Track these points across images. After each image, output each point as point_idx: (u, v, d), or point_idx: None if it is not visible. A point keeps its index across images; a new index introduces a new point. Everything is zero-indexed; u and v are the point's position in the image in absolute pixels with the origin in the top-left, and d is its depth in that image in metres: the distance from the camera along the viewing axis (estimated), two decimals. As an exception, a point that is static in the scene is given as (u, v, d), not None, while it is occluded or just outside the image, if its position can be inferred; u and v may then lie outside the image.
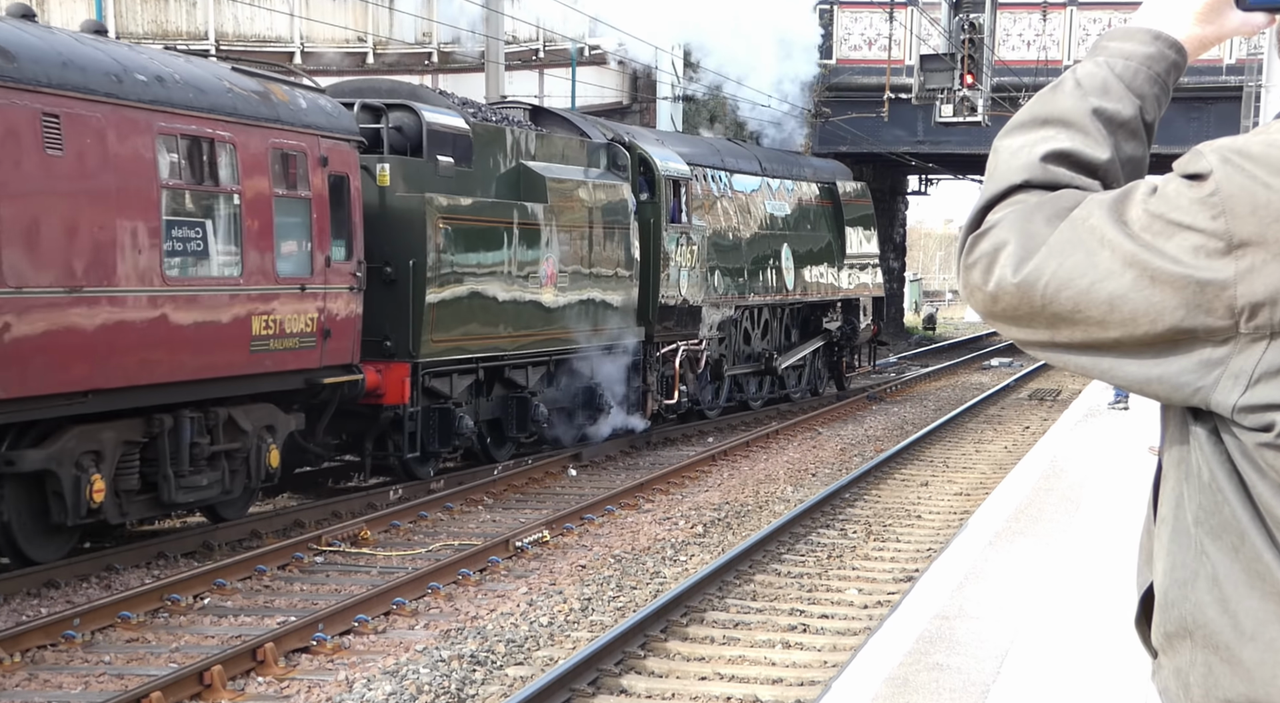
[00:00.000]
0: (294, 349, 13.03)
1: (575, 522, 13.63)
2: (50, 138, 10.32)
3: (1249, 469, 1.55)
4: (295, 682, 8.58)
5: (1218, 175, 1.53)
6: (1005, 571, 8.76)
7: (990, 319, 1.68)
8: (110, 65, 11.11)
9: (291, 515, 13.38)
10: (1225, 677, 1.56)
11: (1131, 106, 1.69)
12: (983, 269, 1.64)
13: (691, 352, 20.55)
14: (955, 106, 28.24)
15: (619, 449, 18.95)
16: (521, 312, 16.55)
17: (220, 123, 12.04)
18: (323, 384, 13.48)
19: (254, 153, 12.46)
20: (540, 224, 16.86)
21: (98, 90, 10.81)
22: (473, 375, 15.96)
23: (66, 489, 10.67)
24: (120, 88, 11.08)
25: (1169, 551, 1.63)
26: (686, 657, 9.16)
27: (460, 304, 15.41)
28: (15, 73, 10.12)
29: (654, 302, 19.38)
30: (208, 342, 11.94)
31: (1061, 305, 1.59)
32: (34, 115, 10.18)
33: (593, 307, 18.05)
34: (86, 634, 9.35)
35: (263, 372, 12.70)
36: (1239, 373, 1.53)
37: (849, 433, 21.47)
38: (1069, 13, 35.91)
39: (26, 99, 10.14)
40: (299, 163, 13.09)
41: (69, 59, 10.70)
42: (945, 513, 14.58)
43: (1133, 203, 1.57)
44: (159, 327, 11.37)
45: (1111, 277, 1.56)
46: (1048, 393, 27.51)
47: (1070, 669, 6.50)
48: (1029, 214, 1.63)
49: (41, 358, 10.28)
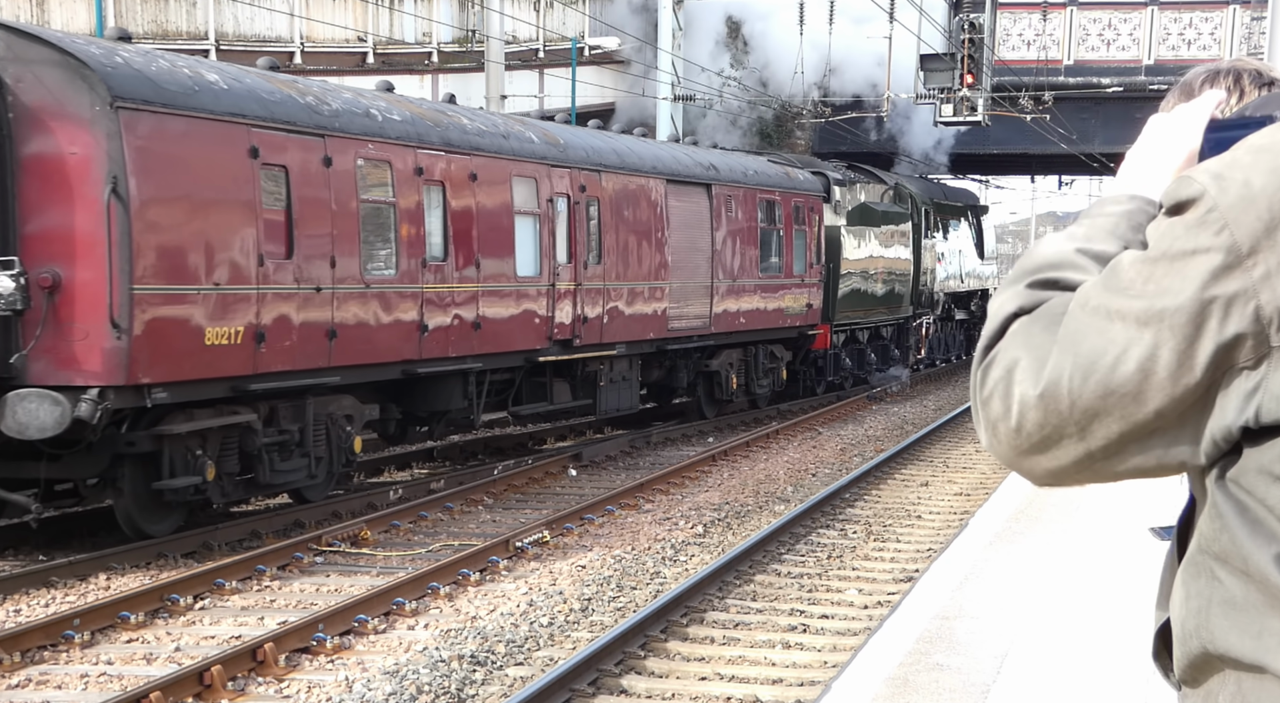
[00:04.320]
0: (799, 313, 24.37)
1: (575, 522, 13.62)
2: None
3: (1241, 492, 1.53)
4: (295, 682, 8.57)
5: (1211, 192, 1.51)
6: (1005, 571, 8.75)
7: (1017, 457, 1.61)
8: (701, 171, 21.30)
9: (291, 515, 13.37)
10: (1254, 692, 1.55)
11: (1116, 245, 1.68)
12: (1001, 395, 1.59)
13: (927, 324, 31.98)
14: (955, 106, 28.24)
15: (619, 449, 18.95)
16: (865, 298, 27.35)
17: (776, 192, 23.51)
18: (804, 333, 24.81)
19: (789, 206, 23.90)
20: (877, 242, 27.90)
21: (686, 175, 20.96)
22: (843, 333, 26.77)
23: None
24: (717, 175, 21.63)
25: (1182, 579, 1.62)
26: (686, 657, 9.15)
27: (853, 293, 26.78)
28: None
29: (916, 290, 30.20)
30: (771, 308, 23.35)
31: (1090, 397, 1.53)
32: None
33: (893, 295, 28.92)
34: (86, 634, 9.34)
35: (785, 326, 23.92)
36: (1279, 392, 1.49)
37: (849, 433, 21.46)
38: (1069, 13, 35.90)
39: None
40: (801, 210, 24.29)
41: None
42: (945, 513, 14.58)
43: (1123, 269, 1.55)
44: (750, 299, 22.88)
45: (1133, 343, 1.51)
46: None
47: (1070, 669, 6.49)
48: (1028, 330, 1.60)
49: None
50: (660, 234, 19.78)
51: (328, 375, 13.36)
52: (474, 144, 15.60)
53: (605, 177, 18.33)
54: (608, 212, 18.36)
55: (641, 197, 19.27)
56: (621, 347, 18.84)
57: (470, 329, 15.41)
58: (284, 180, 12.73)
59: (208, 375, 11.94)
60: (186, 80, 11.93)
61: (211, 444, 12.27)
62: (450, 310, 15.06)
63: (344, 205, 13.43)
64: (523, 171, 16.45)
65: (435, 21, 28.58)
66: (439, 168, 14.91)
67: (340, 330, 13.40)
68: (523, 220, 16.48)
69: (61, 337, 11.01)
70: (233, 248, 12.12)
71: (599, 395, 18.63)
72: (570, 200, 17.44)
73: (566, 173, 17.35)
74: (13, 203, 10.95)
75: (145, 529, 11.98)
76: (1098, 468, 1.59)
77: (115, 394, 11.09)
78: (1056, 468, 1.60)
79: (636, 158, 19.39)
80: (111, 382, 11.03)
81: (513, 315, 16.27)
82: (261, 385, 12.54)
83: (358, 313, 13.67)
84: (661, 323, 19.82)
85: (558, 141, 17.48)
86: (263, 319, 12.41)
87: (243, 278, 12.19)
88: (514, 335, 16.29)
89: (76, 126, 10.98)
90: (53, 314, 10.97)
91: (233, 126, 12.15)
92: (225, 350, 12.01)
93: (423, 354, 14.67)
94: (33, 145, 10.98)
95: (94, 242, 10.99)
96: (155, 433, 11.67)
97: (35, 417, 10.68)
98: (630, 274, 18.93)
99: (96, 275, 10.98)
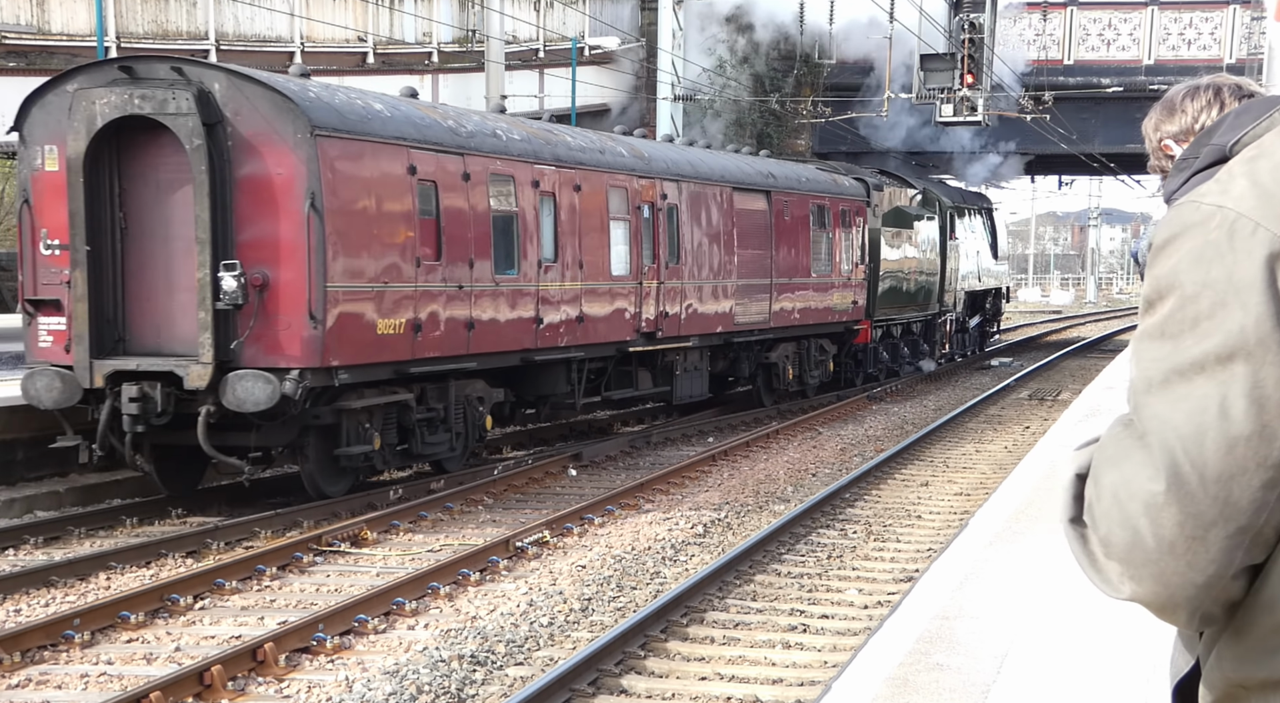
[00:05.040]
0: (846, 309, 26.38)
1: (575, 522, 13.62)
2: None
3: None
4: (295, 682, 8.57)
5: (1229, 205, 1.47)
6: (1005, 571, 8.75)
7: (1166, 583, 1.44)
8: (761, 179, 23.19)
9: (291, 515, 13.37)
10: None
11: None
12: (1120, 524, 1.46)
13: (950, 320, 33.39)
14: (955, 106, 28.23)
15: (619, 449, 18.96)
16: (900, 296, 29.13)
17: (825, 197, 25.46)
18: (850, 328, 26.81)
19: (836, 210, 25.86)
20: (910, 244, 29.63)
21: (796, 189, 24.43)
22: (881, 329, 28.28)
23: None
24: (775, 183, 23.67)
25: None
26: (687, 657, 9.15)
27: (890, 291, 28.57)
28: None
29: (942, 288, 31.70)
30: (822, 306, 25.36)
31: (1217, 460, 1.39)
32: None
33: (923, 292, 30.67)
34: (86, 634, 9.34)
35: (833, 321, 25.97)
36: None
37: (849, 433, 21.46)
38: (1069, 13, 35.89)
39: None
40: (847, 214, 26.31)
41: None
42: (945, 513, 14.58)
43: (1157, 331, 1.43)
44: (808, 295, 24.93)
45: (1229, 383, 1.40)
46: (1048, 393, 27.50)
47: (1070, 669, 6.49)
48: (1108, 458, 1.48)
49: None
50: (728, 237, 21.85)
51: (467, 361, 15.51)
52: (577, 159, 17.75)
53: (682, 185, 20.39)
54: (684, 217, 20.43)
55: (712, 203, 21.34)
56: (695, 339, 20.92)
57: (575, 323, 17.61)
58: (434, 194, 14.78)
59: (377, 360, 14.03)
60: (360, 110, 14.00)
61: (377, 419, 14.27)
62: (559, 306, 17.25)
63: (479, 214, 15.54)
64: (616, 182, 18.62)
65: (435, 21, 28.58)
66: (551, 180, 17.04)
67: (477, 323, 15.55)
68: (616, 226, 18.64)
69: (269, 327, 13.08)
70: (397, 252, 14.22)
71: (675, 383, 20.67)
72: (654, 207, 19.59)
73: (651, 183, 19.51)
74: (231, 216, 13.01)
75: (325, 490, 14.00)
76: (1254, 546, 1.42)
77: (311, 375, 13.17)
78: (1212, 571, 1.42)
79: (707, 168, 21.53)
80: (309, 364, 13.12)
81: (608, 311, 18.47)
82: (418, 369, 14.68)
83: (490, 308, 15.82)
84: (729, 318, 21.89)
85: (643, 155, 19.67)
86: (419, 313, 14.52)
87: (404, 278, 14.30)
88: (609, 328, 18.50)
89: (282, 151, 13.03)
90: (262, 308, 13.05)
91: (396, 148, 14.19)
92: (391, 339, 14.13)
93: (538, 344, 16.82)
94: (246, 168, 13.05)
95: (296, 247, 13.06)
96: (335, 408, 13.71)
97: (251, 393, 12.71)
98: (703, 273, 21.03)
99: (298, 275, 13.06)
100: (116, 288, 13.40)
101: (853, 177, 27.56)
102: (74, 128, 13.02)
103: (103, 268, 13.28)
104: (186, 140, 12.85)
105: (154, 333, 13.39)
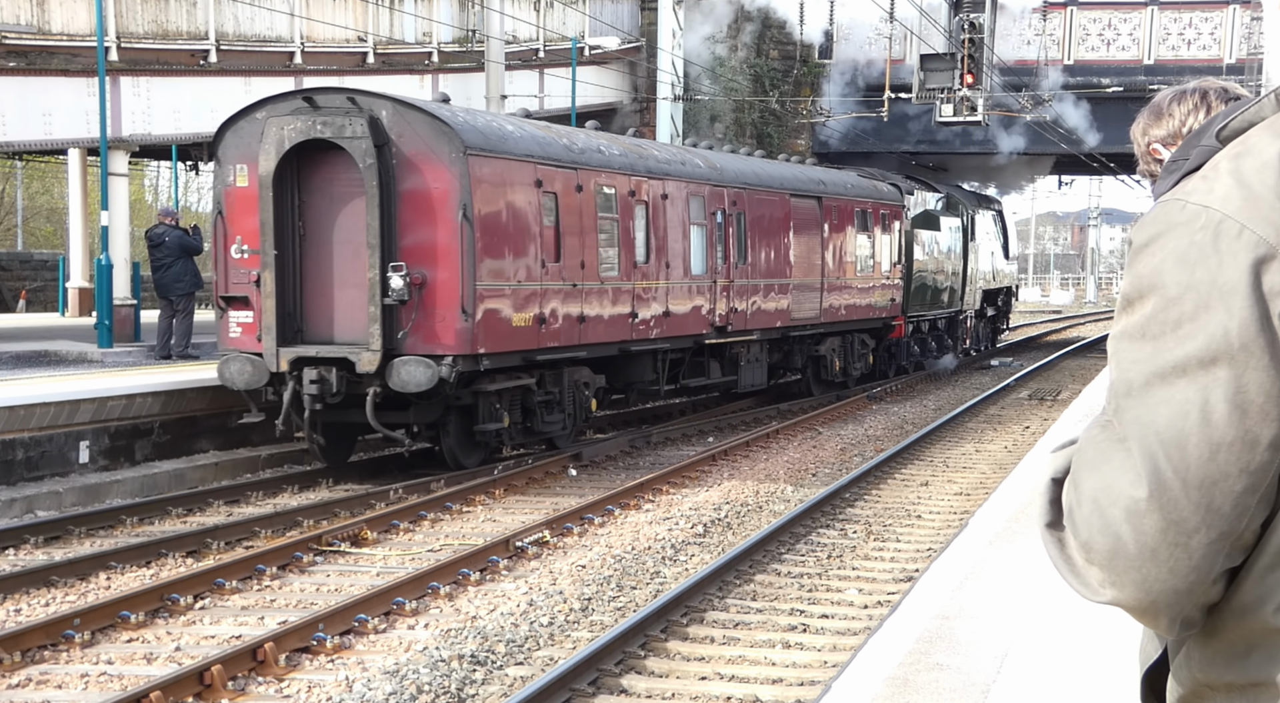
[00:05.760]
0: (885, 306, 28.28)
1: (575, 522, 13.62)
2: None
3: None
4: (295, 682, 8.57)
5: (1215, 206, 1.45)
6: (1005, 570, 8.75)
7: (1147, 589, 1.45)
8: (813, 186, 25.36)
9: (291, 515, 13.37)
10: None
11: None
12: (1101, 530, 1.45)
13: (970, 317, 34.71)
14: (955, 106, 28.21)
15: (619, 449, 18.96)
16: (929, 294, 30.87)
17: (868, 202, 27.46)
18: (888, 324, 28.56)
19: (877, 213, 27.79)
20: (937, 245, 31.43)
21: (841, 195, 26.38)
22: (913, 325, 30.06)
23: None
24: (825, 189, 25.65)
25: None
26: (686, 657, 9.15)
27: (920, 289, 30.20)
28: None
29: (964, 286, 33.34)
30: (864, 303, 27.32)
31: (1199, 465, 1.37)
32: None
33: (948, 291, 32.35)
34: (86, 634, 9.34)
35: (873, 317, 27.78)
36: None
37: (849, 433, 21.46)
38: (1069, 12, 35.88)
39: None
40: (886, 217, 28.29)
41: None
42: (945, 513, 14.57)
43: (1137, 316, 1.42)
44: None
45: (1210, 387, 1.37)
46: (1048, 393, 27.50)
47: (1070, 669, 6.49)
48: (1086, 462, 1.47)
49: None
50: (786, 239, 24.01)
51: (579, 351, 17.64)
52: (664, 170, 19.89)
53: (749, 193, 22.58)
54: (750, 222, 22.60)
55: (773, 209, 23.50)
56: (757, 333, 23.02)
57: (662, 317, 19.76)
58: (555, 203, 16.85)
59: (511, 349, 16.04)
60: (498, 131, 16.10)
61: (506, 400, 16.32)
62: (650, 303, 19.41)
63: (589, 221, 17.69)
64: (695, 191, 20.79)
65: (435, 21, 28.57)
66: (644, 190, 19.20)
67: (586, 318, 17.67)
68: (695, 230, 20.80)
69: (428, 319, 15.14)
70: (527, 255, 16.28)
71: (740, 373, 22.78)
72: (725, 213, 21.78)
73: (723, 191, 21.69)
74: (395, 224, 15.02)
75: (463, 462, 16.16)
76: (1234, 551, 1.42)
77: (462, 361, 15.18)
78: (1194, 576, 1.41)
79: (768, 176, 23.78)
80: (461, 352, 15.15)
81: (688, 307, 20.59)
82: (543, 357, 16.78)
83: (596, 304, 17.94)
84: (786, 314, 23.99)
85: (715, 166, 21.91)
86: (543, 308, 16.62)
87: (532, 277, 16.39)
88: (688, 322, 20.64)
89: (440, 168, 15.04)
90: (422, 303, 15.10)
91: (526, 164, 16.25)
92: (522, 331, 16.19)
93: (633, 336, 18.97)
94: (408, 183, 15.08)
95: (450, 251, 15.10)
96: (474, 390, 15.76)
97: (414, 376, 14.75)
98: (766, 273, 23.20)
99: (452, 276, 15.12)
100: (296, 286, 15.43)
101: (888, 182, 29.31)
102: (265, 150, 15.03)
103: (286, 269, 15.29)
104: (360, 160, 14.84)
105: (326, 325, 15.46)
